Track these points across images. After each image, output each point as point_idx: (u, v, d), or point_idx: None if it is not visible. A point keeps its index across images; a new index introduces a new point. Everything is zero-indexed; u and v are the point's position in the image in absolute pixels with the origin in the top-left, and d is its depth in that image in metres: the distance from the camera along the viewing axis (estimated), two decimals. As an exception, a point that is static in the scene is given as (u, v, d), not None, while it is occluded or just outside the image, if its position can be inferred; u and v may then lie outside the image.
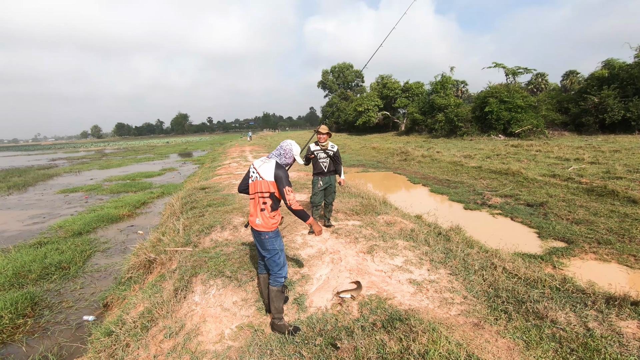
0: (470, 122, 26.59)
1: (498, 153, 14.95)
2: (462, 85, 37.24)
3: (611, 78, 22.88)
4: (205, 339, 2.64)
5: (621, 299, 2.83)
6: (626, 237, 4.90)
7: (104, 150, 50.19)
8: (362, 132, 43.03)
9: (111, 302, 4.07)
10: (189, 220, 5.80)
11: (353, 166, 15.13)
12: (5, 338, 3.48)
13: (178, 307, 3.10)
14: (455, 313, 2.83)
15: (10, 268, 4.95)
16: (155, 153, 34.47)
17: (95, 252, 5.91)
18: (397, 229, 4.90)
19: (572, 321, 2.60)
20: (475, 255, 3.92)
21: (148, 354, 2.53)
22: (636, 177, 8.25)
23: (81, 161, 29.02)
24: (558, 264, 4.22)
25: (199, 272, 3.65)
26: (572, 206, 6.54)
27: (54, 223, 7.72)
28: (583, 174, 9.13)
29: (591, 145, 15.91)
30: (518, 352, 2.31)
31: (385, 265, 3.79)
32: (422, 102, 34.19)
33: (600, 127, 22.62)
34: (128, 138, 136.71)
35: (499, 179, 9.59)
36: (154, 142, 67.24)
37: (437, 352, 2.20)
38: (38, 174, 18.40)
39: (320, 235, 3.05)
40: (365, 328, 2.60)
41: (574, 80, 33.30)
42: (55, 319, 3.85)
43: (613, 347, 2.29)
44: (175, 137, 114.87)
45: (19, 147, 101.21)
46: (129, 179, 15.23)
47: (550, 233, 5.33)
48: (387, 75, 44.48)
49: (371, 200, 6.38)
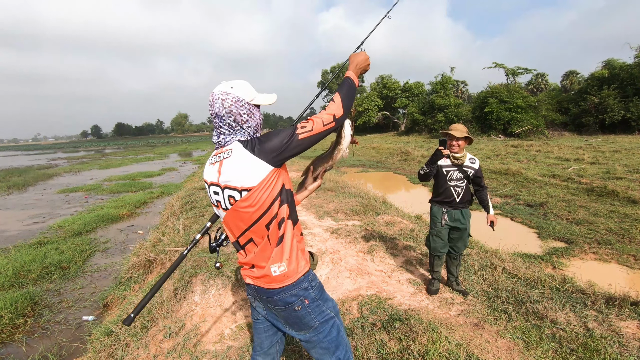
0: (470, 122, 26.61)
1: (498, 153, 14.96)
2: (462, 85, 37.27)
3: (611, 78, 22.90)
4: (205, 339, 2.64)
5: (621, 299, 2.83)
6: (626, 237, 4.90)
7: (104, 150, 50.17)
8: (362, 132, 43.04)
9: (111, 302, 4.07)
10: (189, 220, 5.80)
11: (353, 166, 15.13)
12: (5, 338, 3.48)
13: (178, 307, 3.10)
14: (455, 313, 2.83)
15: (10, 268, 4.95)
16: (155, 153, 34.46)
17: (95, 252, 5.91)
18: (397, 229, 4.90)
19: (572, 321, 2.59)
20: (475, 256, 3.92)
21: (148, 353, 2.53)
22: (636, 178, 8.25)
23: (81, 161, 29.01)
24: (558, 264, 4.22)
25: (198, 272, 3.65)
26: (572, 206, 6.53)
27: (54, 223, 7.72)
28: (583, 174, 9.13)
29: (591, 145, 15.91)
30: (518, 352, 2.31)
31: (385, 265, 3.79)
32: (422, 102, 34.22)
33: (600, 127, 22.64)
34: (128, 138, 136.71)
35: (499, 179, 9.59)
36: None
37: (437, 352, 2.20)
38: (38, 174, 18.39)
39: None
40: (365, 328, 2.60)
41: (574, 81, 33.32)
42: (55, 319, 3.85)
43: (613, 347, 2.29)
44: (175, 137, 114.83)
45: (19, 147, 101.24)
46: (129, 178, 15.23)
47: (550, 233, 5.33)
48: (387, 75, 44.49)
49: (371, 200, 6.38)
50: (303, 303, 1.32)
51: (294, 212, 1.35)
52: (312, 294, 1.35)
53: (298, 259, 1.33)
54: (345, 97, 1.34)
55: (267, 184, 1.22)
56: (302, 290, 1.33)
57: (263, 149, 1.22)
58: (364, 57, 1.47)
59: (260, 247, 1.30)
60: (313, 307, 1.35)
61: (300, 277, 1.33)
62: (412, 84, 41.22)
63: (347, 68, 1.47)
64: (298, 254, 1.34)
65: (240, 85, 1.30)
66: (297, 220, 1.36)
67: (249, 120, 1.29)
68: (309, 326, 1.35)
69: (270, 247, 1.29)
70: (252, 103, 1.30)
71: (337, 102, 1.31)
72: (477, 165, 2.97)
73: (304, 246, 1.40)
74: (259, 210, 1.24)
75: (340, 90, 1.35)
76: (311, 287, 1.35)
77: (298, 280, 1.32)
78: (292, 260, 1.31)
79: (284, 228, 1.29)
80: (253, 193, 1.22)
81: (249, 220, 1.27)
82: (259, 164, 1.20)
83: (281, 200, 1.28)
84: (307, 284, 1.35)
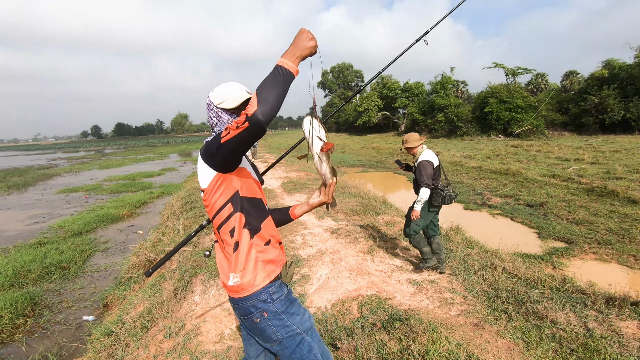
0: (470, 122, 26.61)
1: (498, 153, 14.96)
2: (462, 85, 37.25)
3: (611, 78, 22.89)
4: (205, 339, 2.64)
5: (621, 299, 2.83)
6: (626, 238, 4.90)
7: (104, 150, 50.19)
8: (362, 132, 43.02)
9: (111, 302, 4.07)
10: (188, 220, 5.80)
11: (353, 166, 15.13)
12: (5, 338, 3.48)
13: (178, 307, 3.10)
14: (455, 313, 2.83)
15: (10, 268, 4.94)
16: (155, 153, 34.47)
17: (95, 252, 5.91)
18: (397, 229, 4.90)
19: (572, 321, 2.59)
20: (475, 256, 3.92)
21: (148, 354, 2.53)
22: (636, 178, 8.25)
23: (81, 161, 29.01)
24: (558, 264, 4.22)
25: (198, 272, 3.65)
26: (572, 206, 6.53)
27: (54, 223, 7.72)
28: (583, 174, 9.13)
29: (591, 145, 15.91)
30: (518, 352, 2.31)
31: (385, 265, 3.79)
32: (422, 102, 34.21)
33: (600, 127, 22.63)
34: (128, 138, 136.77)
35: (499, 179, 9.59)
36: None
37: (437, 352, 2.20)
38: (38, 174, 18.39)
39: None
40: (365, 328, 2.60)
41: (574, 81, 33.31)
42: (55, 319, 3.85)
43: (613, 348, 2.29)
44: (175, 137, 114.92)
45: (19, 147, 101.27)
46: (129, 178, 15.23)
47: (550, 233, 5.33)
48: (387, 76, 44.47)
49: (371, 201, 6.38)
50: (262, 316, 1.27)
51: (255, 221, 1.29)
52: (273, 307, 1.28)
53: (256, 271, 1.27)
54: (262, 87, 1.07)
55: (214, 188, 1.24)
56: (261, 302, 1.27)
57: (204, 153, 1.24)
58: (306, 36, 1.14)
59: (220, 251, 1.33)
60: (274, 321, 1.28)
61: (258, 290, 1.27)
62: (412, 84, 41.21)
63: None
64: (257, 266, 1.28)
65: (219, 88, 1.32)
66: (257, 230, 1.30)
67: (218, 123, 1.31)
68: (272, 339, 1.30)
69: (226, 253, 1.29)
70: (220, 107, 1.30)
71: (253, 97, 1.07)
72: (418, 162, 3.40)
73: (272, 257, 1.33)
74: (211, 211, 1.29)
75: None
76: (271, 300, 1.28)
77: (255, 292, 1.27)
78: (247, 272, 1.26)
79: (238, 236, 1.26)
80: (206, 194, 1.27)
81: (211, 219, 1.32)
82: (205, 167, 1.24)
83: (233, 207, 1.25)
84: (267, 297, 1.28)
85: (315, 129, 1.30)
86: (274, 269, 1.33)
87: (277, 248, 1.38)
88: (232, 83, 1.34)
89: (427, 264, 3.53)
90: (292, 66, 1.11)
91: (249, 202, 1.29)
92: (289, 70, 1.11)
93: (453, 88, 34.79)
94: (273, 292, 1.30)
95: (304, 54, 1.14)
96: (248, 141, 1.10)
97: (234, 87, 1.32)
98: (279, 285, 1.33)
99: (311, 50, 1.14)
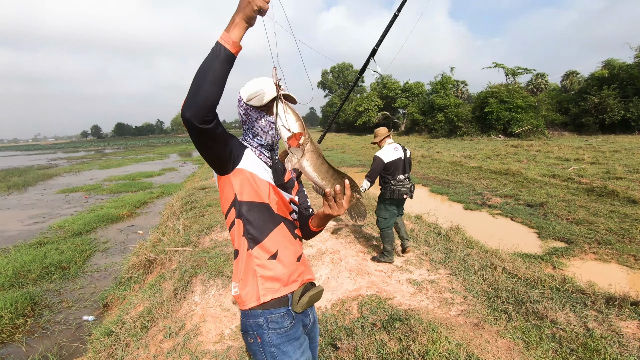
0: (470, 122, 26.62)
1: (498, 153, 14.95)
2: (462, 85, 37.25)
3: (611, 78, 22.89)
4: (205, 339, 2.64)
5: (621, 299, 2.83)
6: (626, 237, 4.90)
7: (104, 150, 50.19)
8: (362, 132, 43.03)
9: (111, 302, 4.07)
10: (189, 220, 5.80)
11: (353, 166, 15.14)
12: (5, 338, 3.48)
13: (178, 307, 3.10)
14: (455, 313, 2.83)
15: (10, 268, 4.94)
16: (155, 153, 34.47)
17: (95, 252, 5.91)
18: (397, 229, 4.90)
19: (572, 321, 2.60)
20: (475, 256, 3.92)
21: (148, 354, 2.53)
22: (636, 178, 8.25)
23: (81, 161, 29.01)
24: (558, 264, 4.22)
25: (198, 272, 3.65)
26: (572, 206, 6.53)
27: (54, 223, 7.72)
28: (583, 174, 9.13)
29: (591, 145, 15.91)
30: (518, 352, 2.31)
31: (385, 265, 3.80)
32: (422, 102, 34.21)
33: (600, 127, 22.64)
34: (128, 138, 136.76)
35: (499, 179, 9.59)
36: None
37: (437, 352, 2.20)
38: (38, 174, 18.38)
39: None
40: (365, 328, 2.60)
41: (574, 81, 33.30)
42: (55, 319, 3.85)
43: (613, 348, 2.29)
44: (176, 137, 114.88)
45: (19, 147, 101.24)
46: (129, 178, 15.22)
47: (550, 233, 5.33)
48: (387, 76, 44.50)
49: (371, 200, 6.38)
50: (255, 339, 1.15)
51: (255, 229, 1.15)
52: (267, 336, 1.13)
53: (257, 286, 1.13)
54: (195, 75, 0.91)
55: (220, 190, 1.19)
56: (256, 325, 1.14)
57: None
58: None
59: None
60: (265, 351, 1.14)
61: (255, 307, 1.13)
62: (412, 84, 41.23)
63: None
64: (257, 281, 1.13)
65: (250, 83, 1.19)
66: (258, 240, 1.15)
67: (247, 121, 1.20)
68: None
69: (234, 255, 1.20)
70: (249, 104, 1.18)
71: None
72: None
73: (275, 274, 1.15)
74: (224, 214, 1.21)
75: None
76: (267, 328, 1.13)
77: (252, 310, 1.14)
78: (247, 284, 1.14)
79: (238, 244, 1.17)
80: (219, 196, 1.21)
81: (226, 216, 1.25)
82: None
83: (236, 213, 1.15)
84: (264, 322, 1.13)
85: (281, 117, 1.00)
86: (277, 289, 1.15)
87: (287, 265, 1.18)
88: (264, 78, 1.18)
89: (383, 259, 3.83)
90: (227, 37, 0.91)
91: (250, 207, 1.15)
92: (220, 44, 0.91)
93: (453, 88, 34.80)
94: (271, 320, 1.14)
95: (247, 14, 0.90)
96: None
97: (265, 83, 1.15)
98: (283, 315, 1.16)
99: (253, 6, 0.89)
